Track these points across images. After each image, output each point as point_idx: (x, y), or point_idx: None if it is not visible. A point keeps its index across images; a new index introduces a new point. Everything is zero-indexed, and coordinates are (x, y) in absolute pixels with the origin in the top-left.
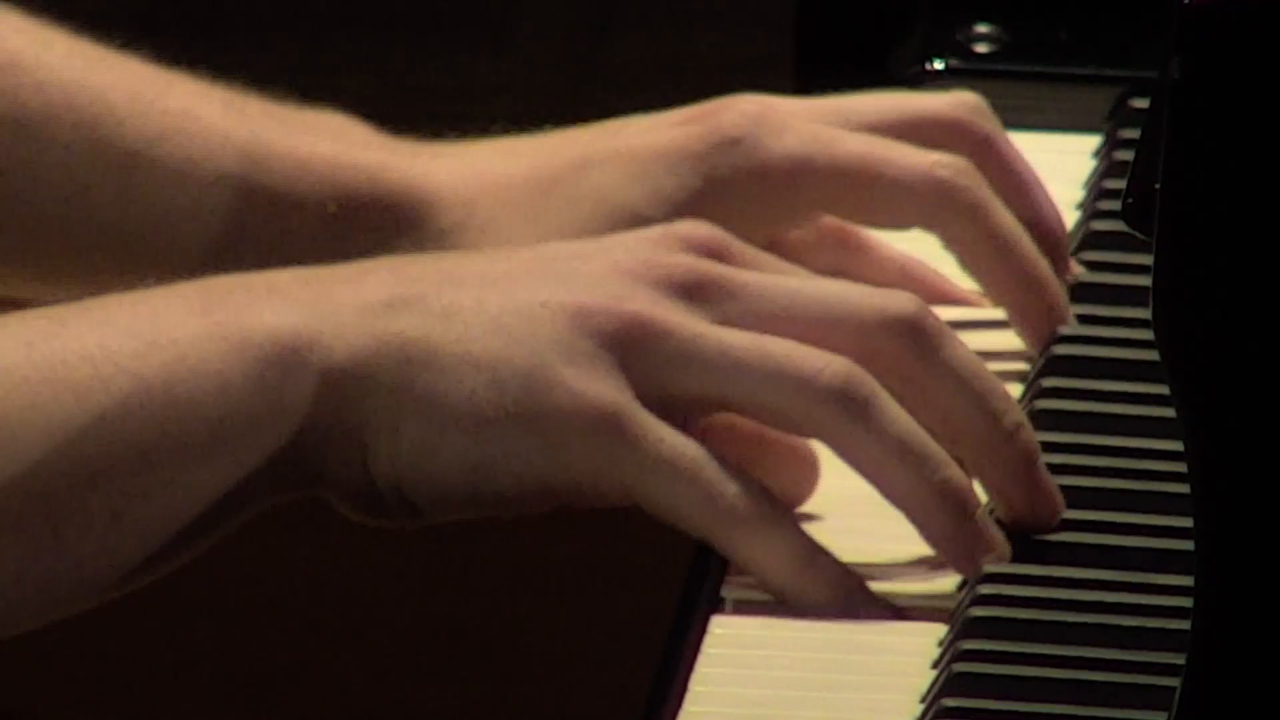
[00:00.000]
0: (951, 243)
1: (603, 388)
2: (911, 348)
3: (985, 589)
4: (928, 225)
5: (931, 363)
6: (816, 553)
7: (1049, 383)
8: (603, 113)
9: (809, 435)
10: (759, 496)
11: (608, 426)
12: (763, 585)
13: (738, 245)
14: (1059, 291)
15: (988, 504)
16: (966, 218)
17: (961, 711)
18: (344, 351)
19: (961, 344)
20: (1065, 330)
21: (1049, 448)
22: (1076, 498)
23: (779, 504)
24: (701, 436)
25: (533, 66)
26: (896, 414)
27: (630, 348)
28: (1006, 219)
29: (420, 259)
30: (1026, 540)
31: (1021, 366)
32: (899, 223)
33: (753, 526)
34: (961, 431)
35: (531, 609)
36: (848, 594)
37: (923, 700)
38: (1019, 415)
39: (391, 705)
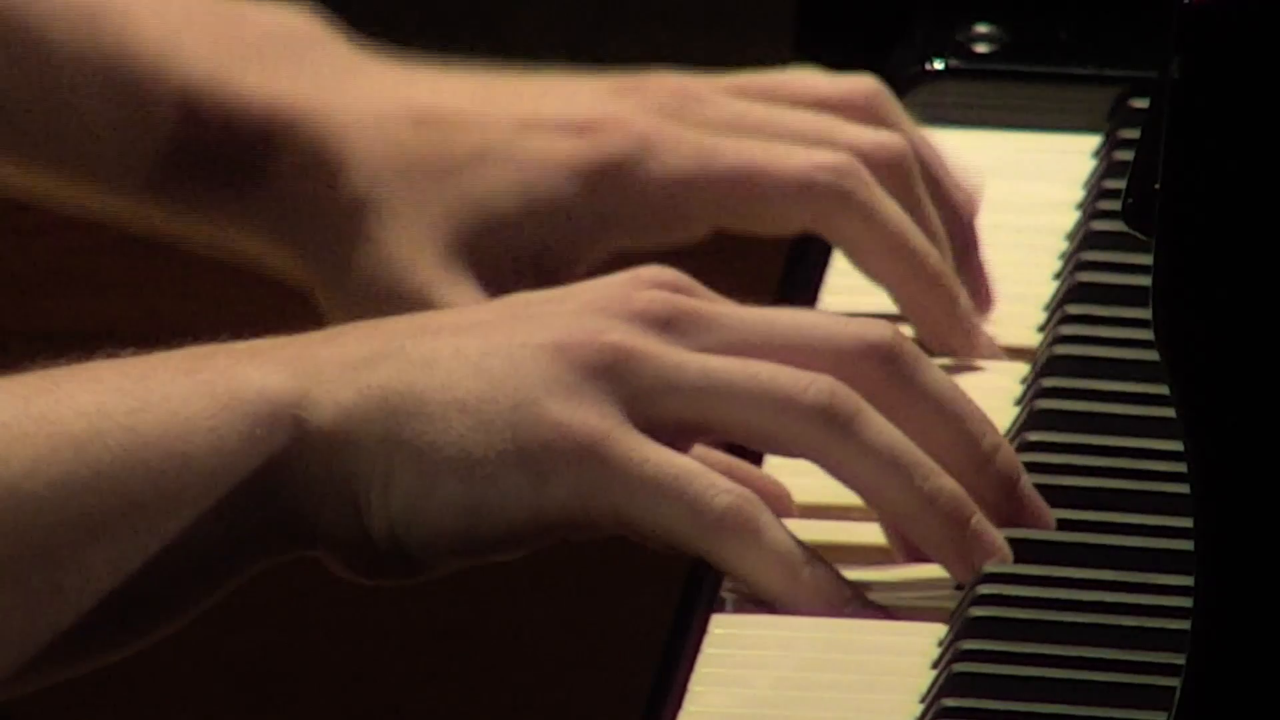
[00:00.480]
0: (840, 243)
1: (587, 415)
2: (888, 374)
3: (985, 589)
4: (814, 228)
5: (908, 389)
6: (807, 561)
7: (1049, 383)
8: None
9: (796, 455)
10: (748, 506)
11: (592, 452)
12: (757, 595)
13: (700, 287)
14: (956, 287)
15: None
16: (851, 217)
17: (961, 711)
18: (330, 408)
19: (937, 369)
20: (1065, 330)
21: (1049, 448)
22: (1076, 498)
23: (769, 511)
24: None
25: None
26: (882, 427)
27: (613, 375)
28: (894, 215)
29: (394, 318)
30: (1027, 540)
31: (1021, 367)
32: (786, 228)
33: (741, 538)
34: (941, 456)
35: (531, 609)
36: (841, 600)
37: (923, 700)
38: (997, 437)
39: (391, 705)
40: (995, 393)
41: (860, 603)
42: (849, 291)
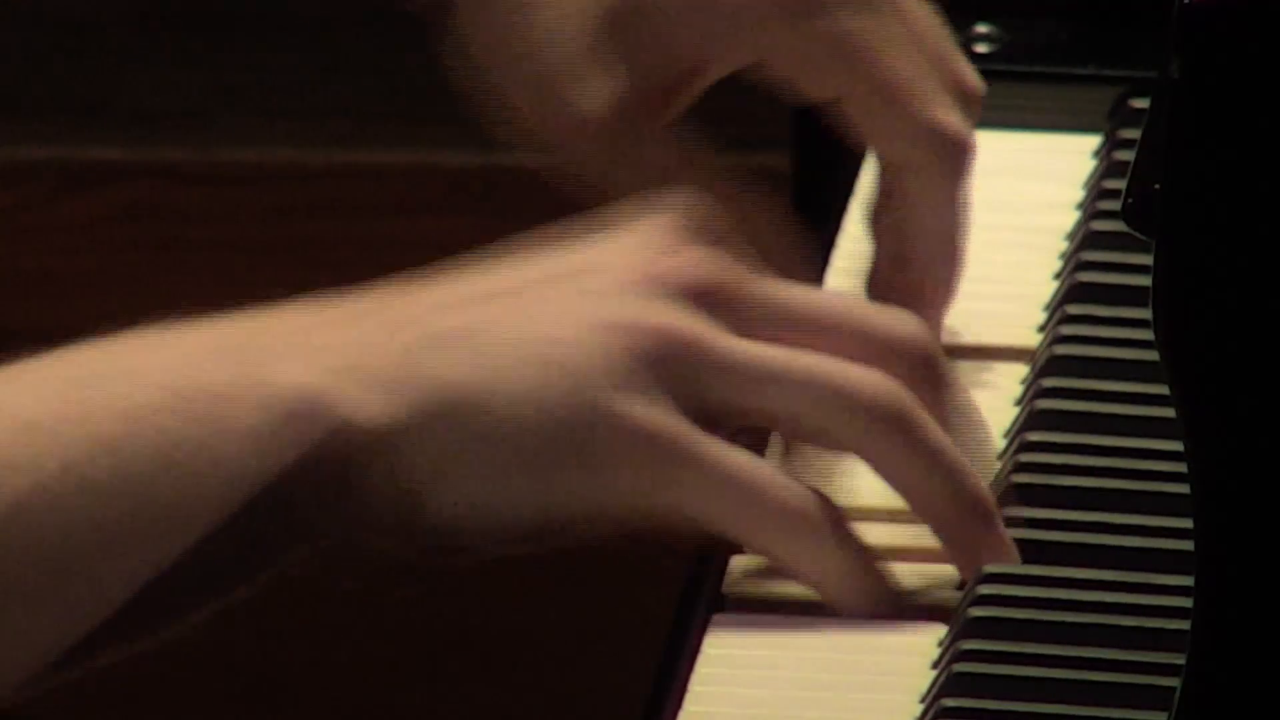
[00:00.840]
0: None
1: (649, 410)
2: (923, 375)
3: (985, 589)
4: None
5: (938, 392)
6: (870, 565)
7: (1049, 383)
8: None
9: (845, 449)
10: (816, 506)
11: (661, 451)
12: (816, 591)
13: (734, 236)
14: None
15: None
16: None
17: (961, 711)
18: (377, 404)
19: (961, 391)
20: (1065, 330)
21: (1049, 448)
22: (1076, 498)
23: (838, 510)
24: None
25: None
26: (934, 429)
27: (665, 363)
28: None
29: (424, 286)
30: (1027, 540)
31: (1021, 367)
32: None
33: (810, 537)
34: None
35: (531, 609)
36: (895, 608)
37: (923, 700)
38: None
39: (390, 706)
40: (995, 393)
41: (901, 603)
42: (847, 293)
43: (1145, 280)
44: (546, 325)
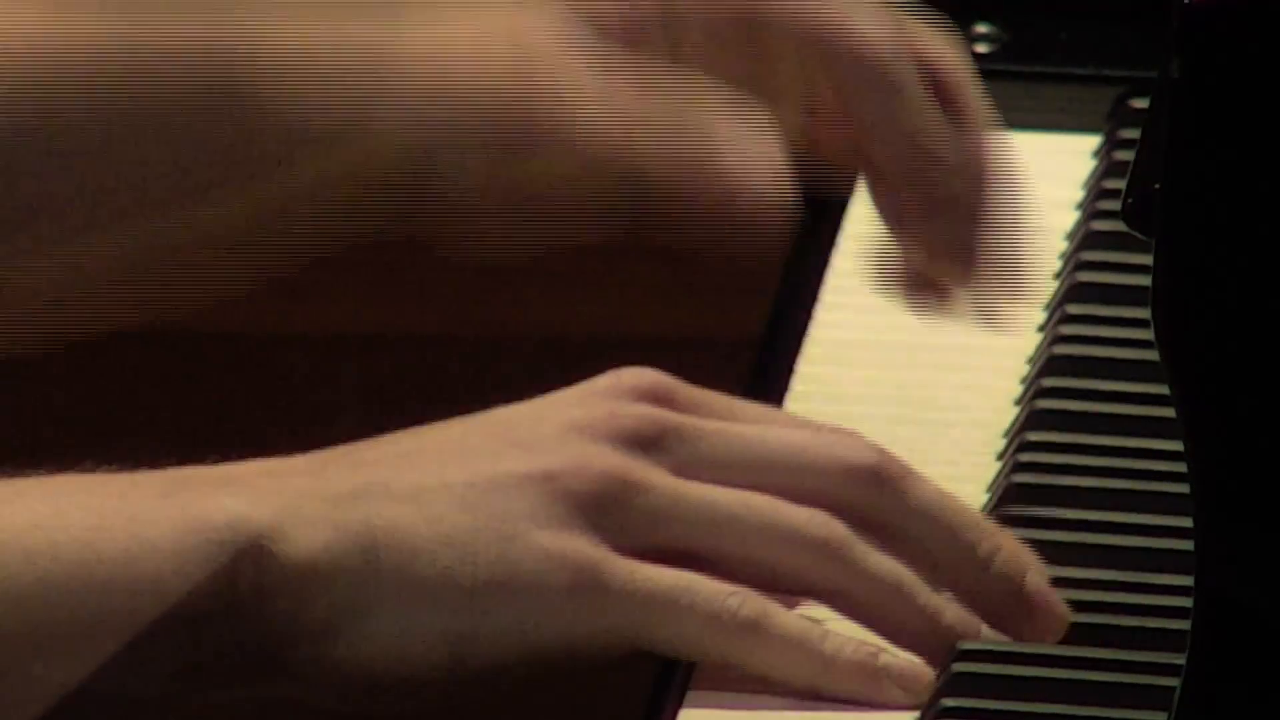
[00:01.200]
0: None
1: (579, 544)
2: (878, 494)
3: None
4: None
5: (899, 507)
6: (830, 639)
7: (1049, 383)
8: None
9: (792, 588)
10: (756, 602)
11: (587, 580)
12: (789, 688)
13: (682, 388)
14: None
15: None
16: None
17: (961, 711)
18: (305, 542)
19: (925, 482)
20: (1065, 330)
21: (1049, 448)
22: (1076, 497)
23: (774, 604)
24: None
25: None
26: (876, 556)
27: (605, 507)
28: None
29: (375, 443)
30: (1027, 540)
31: (1022, 367)
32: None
33: (758, 634)
34: (941, 569)
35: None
36: (873, 670)
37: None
38: (995, 539)
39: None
40: (995, 393)
41: (895, 664)
42: (848, 292)
43: (1145, 280)
44: (479, 473)
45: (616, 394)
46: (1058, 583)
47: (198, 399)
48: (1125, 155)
